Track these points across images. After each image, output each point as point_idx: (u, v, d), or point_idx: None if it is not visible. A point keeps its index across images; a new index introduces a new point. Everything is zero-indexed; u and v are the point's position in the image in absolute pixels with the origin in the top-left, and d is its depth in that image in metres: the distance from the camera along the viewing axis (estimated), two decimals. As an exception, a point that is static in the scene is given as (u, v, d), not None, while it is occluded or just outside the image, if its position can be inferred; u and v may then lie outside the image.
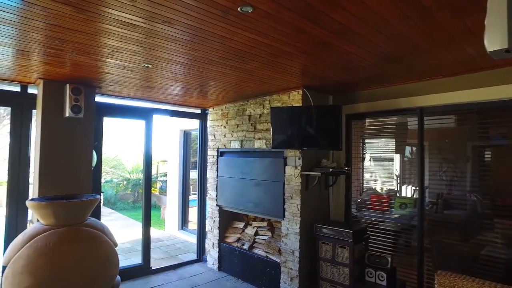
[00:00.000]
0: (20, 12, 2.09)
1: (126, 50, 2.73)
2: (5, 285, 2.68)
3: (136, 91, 4.35)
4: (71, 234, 2.92)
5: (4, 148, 18.76)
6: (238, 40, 2.49)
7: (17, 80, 3.79)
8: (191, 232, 7.18)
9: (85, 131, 3.86)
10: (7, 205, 3.86)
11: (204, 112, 5.64)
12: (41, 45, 2.71)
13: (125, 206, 12.08)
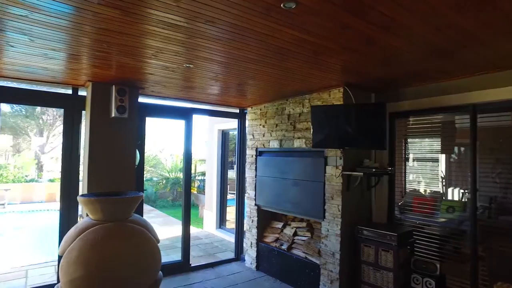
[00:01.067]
0: (72, 18, 2.19)
1: (169, 51, 2.79)
2: (61, 273, 2.85)
3: (177, 92, 4.46)
4: (118, 229, 3.03)
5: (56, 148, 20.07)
6: (279, 37, 2.45)
7: (69, 83, 4.01)
8: (229, 231, 7.25)
9: (129, 130, 4.01)
10: (60, 200, 4.10)
11: (243, 112, 5.66)
12: (90, 48, 2.84)
13: (164, 204, 12.47)
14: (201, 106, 5.31)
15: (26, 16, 2.14)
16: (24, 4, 1.97)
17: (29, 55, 2.93)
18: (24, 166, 16.37)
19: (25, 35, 2.46)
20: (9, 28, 2.36)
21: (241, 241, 5.67)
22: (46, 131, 20.77)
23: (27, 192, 13.33)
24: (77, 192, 4.14)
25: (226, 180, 7.81)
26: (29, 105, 15.91)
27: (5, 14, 2.14)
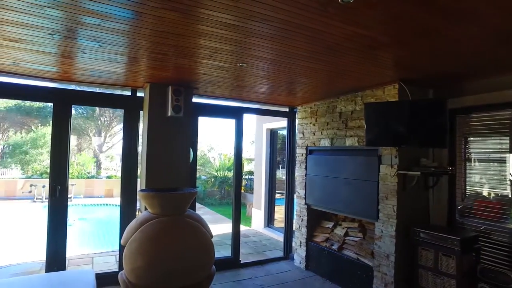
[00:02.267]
0: (132, 22, 2.34)
1: (224, 50, 2.88)
2: (124, 262, 3.06)
3: (228, 91, 4.57)
4: (175, 223, 3.18)
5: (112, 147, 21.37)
6: (332, 33, 2.41)
7: (129, 85, 4.29)
8: (277, 230, 7.27)
9: (184, 129, 4.19)
10: (121, 195, 4.41)
11: (293, 110, 5.65)
12: (148, 51, 3.01)
13: (212, 202, 12.82)
14: (251, 105, 5.39)
15: (98, 25, 2.33)
16: (97, 13, 2.15)
17: (98, 60, 3.18)
18: (85, 164, 17.72)
19: (96, 42, 2.68)
20: (83, 36, 2.58)
21: (290, 240, 5.66)
22: (104, 131, 22.32)
23: (88, 188, 14.44)
24: (135, 187, 4.42)
25: (275, 179, 7.85)
26: (95, 107, 17.18)
27: (81, 24, 2.36)
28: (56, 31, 2.51)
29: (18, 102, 19.92)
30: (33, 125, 19.99)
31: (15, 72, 3.72)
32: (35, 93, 4.11)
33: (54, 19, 2.29)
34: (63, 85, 4.22)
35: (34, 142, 17.87)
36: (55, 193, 4.04)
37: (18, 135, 18.62)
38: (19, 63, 3.38)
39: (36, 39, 2.68)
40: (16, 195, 13.17)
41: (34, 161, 17.66)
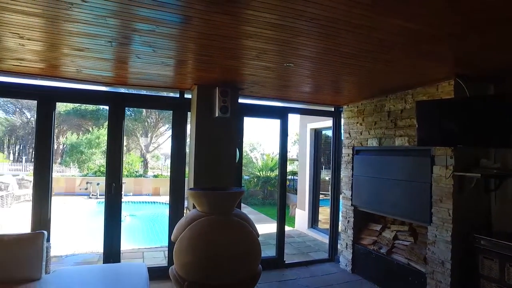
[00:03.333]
0: (181, 26, 2.42)
1: (271, 51, 2.89)
2: (174, 258, 3.18)
3: (273, 91, 4.58)
4: (223, 221, 3.25)
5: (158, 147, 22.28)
6: (383, 29, 2.33)
7: (177, 87, 4.46)
8: (321, 231, 7.17)
9: (231, 129, 4.27)
10: (170, 194, 4.58)
11: (338, 110, 5.54)
12: (196, 53, 3.11)
13: (255, 202, 12.92)
14: (295, 105, 5.36)
15: (153, 30, 2.45)
16: (152, 19, 2.26)
17: (150, 64, 3.35)
18: (133, 163, 18.69)
19: (150, 47, 2.82)
20: (139, 42, 2.73)
21: (335, 242, 5.55)
22: (150, 132, 23.40)
23: (137, 186, 15.23)
24: (183, 186, 4.58)
25: (319, 180, 7.74)
26: (146, 108, 18.05)
27: (136, 31, 2.49)
28: (114, 38, 2.68)
29: (75, 106, 21.56)
30: (88, 127, 21.51)
31: (77, 78, 4.02)
32: (94, 97, 4.42)
33: (114, 27, 2.44)
34: (115, 89, 4.50)
35: (89, 143, 19.20)
36: (110, 190, 4.30)
37: (74, 136, 20.07)
38: (81, 70, 3.65)
39: (97, 47, 2.88)
40: (75, 191, 14.24)
41: (89, 160, 18.99)
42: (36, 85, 4.14)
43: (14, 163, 22.74)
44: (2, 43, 2.87)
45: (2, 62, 3.47)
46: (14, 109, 24.49)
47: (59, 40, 2.78)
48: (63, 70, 3.75)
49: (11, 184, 10.60)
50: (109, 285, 3.15)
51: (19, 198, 10.87)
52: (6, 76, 3.89)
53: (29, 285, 2.93)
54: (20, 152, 25.49)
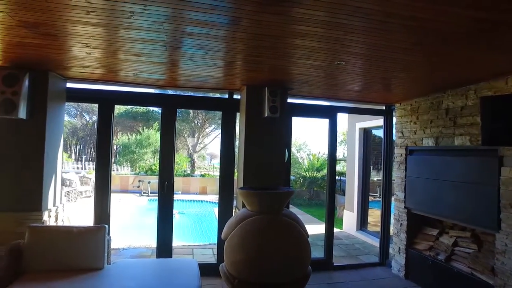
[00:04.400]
0: (231, 28, 2.46)
1: (322, 49, 2.84)
2: (225, 255, 3.26)
3: (322, 90, 4.51)
4: (273, 220, 3.26)
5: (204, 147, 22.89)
6: (443, 21, 2.17)
7: (226, 88, 4.55)
8: (371, 234, 6.92)
9: (280, 129, 4.27)
10: (219, 193, 4.69)
11: (389, 108, 5.31)
12: (245, 54, 3.14)
13: (301, 202, 12.80)
14: (344, 104, 5.24)
15: (206, 34, 2.52)
16: (205, 22, 2.32)
17: (202, 66, 3.44)
18: (181, 163, 19.38)
19: (202, 49, 2.90)
20: (191, 45, 2.82)
21: (386, 245, 5.32)
22: (197, 132, 24.12)
23: (185, 185, 15.78)
24: (232, 185, 4.65)
25: (368, 181, 7.49)
26: (196, 109, 18.70)
27: (190, 34, 2.58)
28: (169, 42, 2.79)
29: (127, 108, 22.88)
30: (139, 128, 22.70)
31: (133, 82, 4.26)
32: (148, 99, 4.66)
33: (169, 32, 2.55)
34: (163, 91, 4.69)
35: (140, 143, 20.26)
36: (163, 189, 4.49)
37: (125, 137, 21.26)
38: (137, 74, 3.86)
39: (153, 51, 3.03)
40: (128, 189, 15.10)
41: (140, 159, 20.04)
42: (97, 89, 4.46)
43: (76, 162, 24.64)
44: (72, 53, 3.12)
45: (70, 70, 3.77)
46: (76, 113, 26.59)
47: (118, 47, 2.96)
48: (121, 75, 3.99)
49: (74, 181, 11.51)
50: (163, 278, 3.29)
51: (81, 194, 11.77)
52: (73, 82, 4.22)
53: (94, 274, 3.16)
54: (80, 152, 27.56)
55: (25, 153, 3.69)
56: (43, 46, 2.96)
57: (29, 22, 2.41)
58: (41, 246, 3.20)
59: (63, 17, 2.31)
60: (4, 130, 3.68)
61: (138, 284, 3.03)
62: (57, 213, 4.08)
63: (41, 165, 3.72)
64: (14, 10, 2.23)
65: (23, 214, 3.61)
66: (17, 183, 3.66)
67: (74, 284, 2.93)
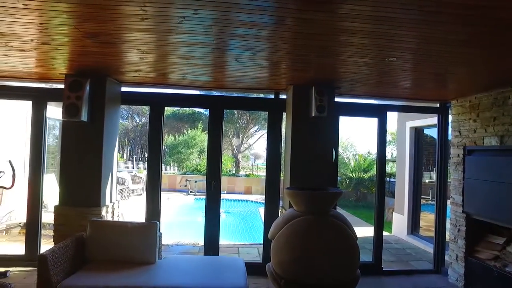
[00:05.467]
0: (275, 27, 2.45)
1: (371, 46, 2.74)
2: (272, 255, 3.25)
3: (371, 88, 4.37)
4: (320, 221, 3.20)
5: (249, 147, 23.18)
6: (501, 6, 1.97)
7: (272, 88, 4.56)
8: (423, 239, 6.54)
9: (327, 128, 4.19)
10: (265, 193, 4.70)
11: (445, 106, 4.98)
12: (292, 54, 3.12)
13: (347, 204, 12.47)
14: (394, 102, 5.02)
15: (254, 34, 2.54)
16: (253, 23, 2.34)
17: (249, 67, 3.49)
18: (225, 163, 19.74)
19: (249, 50, 2.93)
20: (239, 46, 2.86)
21: (441, 252, 5.00)
22: (242, 133, 24.45)
23: (230, 184, 16.06)
24: (278, 186, 4.64)
25: (420, 183, 7.09)
26: (242, 110, 19.00)
27: (238, 36, 2.61)
28: (217, 45, 2.85)
29: (174, 110, 23.84)
30: (184, 129, 23.53)
31: (182, 84, 4.42)
32: (196, 100, 4.81)
33: (218, 34, 2.60)
34: (208, 92, 4.80)
35: (186, 144, 20.98)
36: (210, 188, 4.61)
37: (171, 138, 22.12)
38: (186, 76, 4.00)
39: (201, 54, 3.12)
40: (175, 187, 15.70)
41: (187, 159, 20.75)
42: (148, 92, 4.69)
43: (127, 162, 26.13)
44: (127, 58, 3.31)
45: (125, 75, 4.01)
46: (127, 115, 28.22)
47: (169, 50, 3.10)
48: (170, 78, 4.16)
49: (127, 179, 12.22)
50: (211, 275, 3.37)
51: (133, 192, 12.47)
52: (127, 86, 4.48)
53: (147, 267, 3.33)
54: (131, 152, 29.13)
55: (86, 153, 3.99)
56: (102, 53, 3.18)
57: (92, 32, 2.61)
58: (100, 238, 3.45)
59: (121, 25, 2.47)
60: (69, 132, 4.03)
61: (188, 280, 3.13)
62: (113, 209, 4.36)
63: (100, 164, 3.99)
64: (80, 22, 2.43)
65: (85, 209, 3.92)
66: (80, 181, 3.97)
67: (130, 276, 3.10)
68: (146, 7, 2.10)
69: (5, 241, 5.65)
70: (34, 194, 4.48)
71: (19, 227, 6.01)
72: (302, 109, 4.13)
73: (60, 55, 3.31)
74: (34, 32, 2.65)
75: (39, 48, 3.07)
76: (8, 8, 2.19)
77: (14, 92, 4.63)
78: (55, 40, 2.84)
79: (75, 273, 3.10)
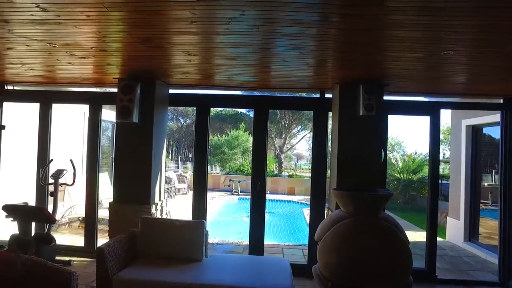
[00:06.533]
0: (322, 25, 2.39)
1: (424, 39, 2.60)
2: (318, 256, 3.20)
3: (423, 85, 4.15)
4: (370, 224, 3.08)
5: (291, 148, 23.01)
6: None
7: (318, 87, 4.48)
8: (484, 247, 6.04)
9: (376, 128, 4.02)
10: (311, 194, 4.62)
11: (510, 101, 4.55)
12: (338, 51, 3.03)
13: (394, 206, 11.92)
14: (448, 99, 4.70)
15: (302, 33, 2.50)
16: (301, 22, 2.31)
17: (295, 66, 3.45)
18: (268, 163, 19.73)
19: (297, 49, 2.90)
20: (286, 46, 2.84)
21: (508, 263, 4.55)
22: (284, 133, 24.36)
23: (273, 185, 16.04)
24: (324, 186, 4.55)
25: (479, 186, 6.57)
26: (287, 110, 18.96)
27: (285, 35, 2.59)
28: (263, 45, 2.85)
29: (217, 110, 24.35)
30: (226, 129, 23.95)
31: (227, 85, 4.50)
32: (241, 101, 4.86)
33: (265, 34, 2.60)
34: (250, 93, 4.82)
35: (229, 144, 21.33)
36: (255, 188, 4.62)
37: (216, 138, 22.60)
38: (232, 77, 4.06)
39: (247, 54, 3.14)
40: (219, 187, 16.01)
41: (230, 160, 21.08)
42: (195, 93, 4.82)
43: (172, 162, 27.15)
44: (175, 61, 3.43)
45: (172, 77, 4.16)
46: (172, 116, 29.35)
47: (216, 52, 3.15)
48: (216, 79, 4.25)
49: (173, 179, 12.69)
50: (257, 275, 3.36)
51: (178, 191, 12.91)
52: (174, 88, 4.64)
53: (194, 265, 3.42)
54: (176, 152, 30.22)
55: (137, 153, 4.20)
56: (152, 57, 3.33)
57: (144, 38, 2.74)
58: (151, 235, 3.60)
59: (170, 29, 2.56)
60: (122, 133, 4.28)
61: (234, 278, 3.16)
62: (161, 207, 4.54)
63: (150, 163, 4.18)
64: (134, 29, 2.56)
65: (136, 206, 4.13)
66: (132, 179, 4.19)
67: (180, 273, 3.19)
68: (195, 10, 2.15)
69: (68, 233, 6.13)
70: (91, 192, 4.81)
71: (79, 221, 6.50)
72: (349, 108, 4.00)
73: (114, 61, 3.51)
74: (94, 40, 2.83)
75: (97, 55, 3.28)
76: (74, 20, 2.38)
77: (75, 96, 5.08)
78: (111, 47, 3.02)
79: (128, 267, 3.27)
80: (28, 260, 2.57)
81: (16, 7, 2.18)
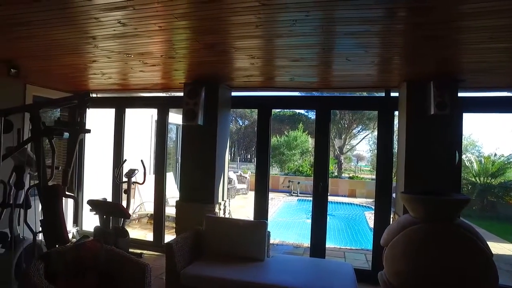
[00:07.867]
0: (386, 21, 2.28)
1: (507, 27, 2.30)
2: (386, 263, 3.04)
3: (505, 78, 3.68)
4: (443, 232, 2.86)
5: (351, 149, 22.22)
6: None
7: (382, 86, 4.26)
8: None
9: (449, 127, 3.70)
10: (375, 196, 4.42)
11: None
12: (403, 48, 2.86)
13: (469, 213, 10.87)
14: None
15: (367, 31, 2.42)
16: (367, 19, 2.23)
17: (359, 65, 3.33)
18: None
19: (362, 48, 2.80)
20: (351, 44, 2.76)
21: None
22: (344, 134, 23.63)
23: (333, 187, 15.63)
24: (390, 189, 4.32)
25: None
26: (350, 110, 18.51)
27: (350, 34, 2.52)
28: (326, 44, 2.80)
29: (275, 111, 24.43)
30: (285, 130, 23.91)
31: (289, 87, 4.50)
32: (303, 102, 4.82)
33: (328, 34, 2.56)
34: (308, 93, 4.74)
35: (287, 145, 21.27)
36: (318, 189, 4.55)
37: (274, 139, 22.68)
38: (294, 79, 4.05)
39: (310, 55, 3.12)
40: (278, 188, 16.06)
41: (288, 160, 21.02)
42: (256, 96, 4.91)
43: (231, 162, 27.89)
44: (238, 65, 3.53)
45: (235, 80, 4.28)
46: (231, 118, 30.20)
47: (278, 54, 3.17)
48: (278, 80, 4.27)
49: (233, 179, 13.03)
50: (320, 278, 3.31)
51: (238, 191, 13.22)
52: (237, 91, 4.77)
53: (257, 264, 3.48)
54: (234, 153, 31.00)
55: (202, 154, 4.41)
56: (216, 62, 3.47)
57: (209, 44, 2.86)
58: (215, 233, 3.74)
59: (235, 34, 2.64)
60: (188, 135, 4.53)
61: (297, 280, 3.14)
62: (224, 207, 4.70)
63: (214, 164, 4.35)
64: (200, 36, 2.69)
65: (201, 205, 4.32)
66: (197, 179, 4.40)
67: (242, 271, 3.27)
68: (260, 14, 2.19)
69: (138, 228, 6.63)
70: (159, 190, 5.16)
71: (147, 217, 7.00)
72: (418, 107, 3.73)
73: (181, 66, 3.72)
74: (164, 49, 3.04)
75: (166, 62, 3.52)
76: (148, 32, 2.59)
77: (145, 101, 5.57)
78: (178, 54, 3.21)
79: (193, 263, 3.43)
80: (110, 250, 2.85)
81: (102, 25, 2.44)
